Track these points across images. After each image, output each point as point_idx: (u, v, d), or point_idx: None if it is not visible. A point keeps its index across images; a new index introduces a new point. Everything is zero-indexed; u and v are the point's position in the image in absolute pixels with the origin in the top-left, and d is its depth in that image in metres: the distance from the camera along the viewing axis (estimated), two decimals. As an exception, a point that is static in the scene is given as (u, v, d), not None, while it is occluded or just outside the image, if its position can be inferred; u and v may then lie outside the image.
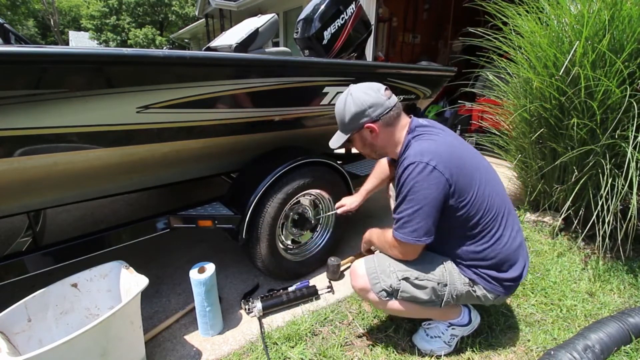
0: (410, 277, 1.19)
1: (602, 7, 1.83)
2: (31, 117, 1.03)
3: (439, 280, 1.19)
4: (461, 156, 1.16)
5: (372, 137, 1.26)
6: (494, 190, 1.19)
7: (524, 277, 1.24)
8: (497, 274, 1.19)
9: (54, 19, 21.11)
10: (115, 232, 1.39)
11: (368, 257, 1.30)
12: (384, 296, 1.21)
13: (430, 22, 7.47)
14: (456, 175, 1.10)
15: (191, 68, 1.28)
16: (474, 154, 1.24)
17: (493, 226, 1.17)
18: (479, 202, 1.14)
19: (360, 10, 2.24)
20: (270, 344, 1.38)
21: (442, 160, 1.09)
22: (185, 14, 28.55)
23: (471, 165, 1.17)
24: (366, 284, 1.23)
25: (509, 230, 1.20)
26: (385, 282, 1.20)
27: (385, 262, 1.25)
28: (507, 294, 1.24)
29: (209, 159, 1.69)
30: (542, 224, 2.37)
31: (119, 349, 1.10)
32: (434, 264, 1.22)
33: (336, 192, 1.89)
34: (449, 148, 1.15)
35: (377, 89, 1.22)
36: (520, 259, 1.22)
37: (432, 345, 1.34)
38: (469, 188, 1.13)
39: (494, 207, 1.17)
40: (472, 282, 1.21)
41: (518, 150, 2.55)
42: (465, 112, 4.58)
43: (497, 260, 1.18)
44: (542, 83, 2.07)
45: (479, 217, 1.15)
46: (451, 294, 1.20)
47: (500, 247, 1.18)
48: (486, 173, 1.21)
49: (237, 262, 1.98)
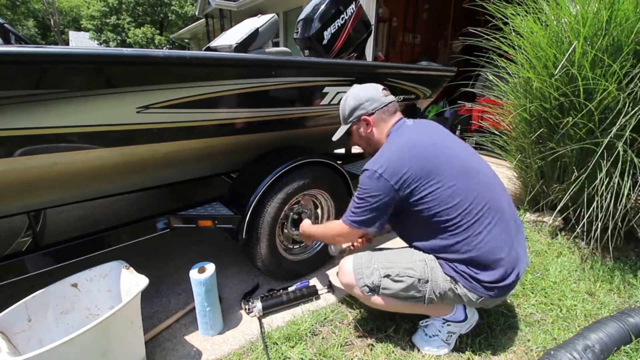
0: (392, 274, 1.25)
1: (600, 7, 1.83)
2: (31, 117, 1.03)
3: (420, 277, 1.22)
4: (423, 157, 1.19)
5: (368, 131, 1.38)
6: (475, 188, 1.19)
7: (509, 282, 1.19)
8: (474, 274, 1.18)
9: (54, 19, 21.08)
10: (115, 232, 1.39)
11: (357, 254, 1.36)
12: (366, 291, 1.28)
13: (430, 22, 7.47)
14: (406, 179, 1.18)
15: (191, 68, 1.28)
16: (453, 153, 1.24)
17: (468, 221, 1.16)
18: (445, 198, 1.16)
19: (360, 10, 2.24)
20: (270, 343, 1.38)
21: (390, 167, 1.19)
22: (185, 14, 28.55)
23: (440, 163, 1.19)
24: (351, 280, 1.30)
25: (490, 228, 1.17)
26: (369, 278, 1.27)
27: (371, 260, 1.31)
28: (492, 297, 1.21)
29: (209, 159, 1.69)
30: (541, 224, 2.37)
31: (119, 349, 1.10)
32: (416, 260, 1.26)
33: (336, 192, 1.89)
34: (405, 151, 1.21)
35: (376, 87, 1.40)
36: (501, 263, 1.17)
37: (431, 344, 1.34)
38: (428, 186, 1.17)
39: (467, 202, 1.16)
40: (453, 280, 1.22)
41: (518, 150, 2.55)
42: (465, 112, 4.58)
43: (470, 255, 1.17)
44: (542, 83, 2.08)
45: (446, 211, 1.17)
46: (433, 290, 1.22)
47: (475, 243, 1.16)
48: (467, 169, 1.21)
49: (237, 262, 1.98)
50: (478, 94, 3.42)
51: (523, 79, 2.34)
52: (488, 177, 1.27)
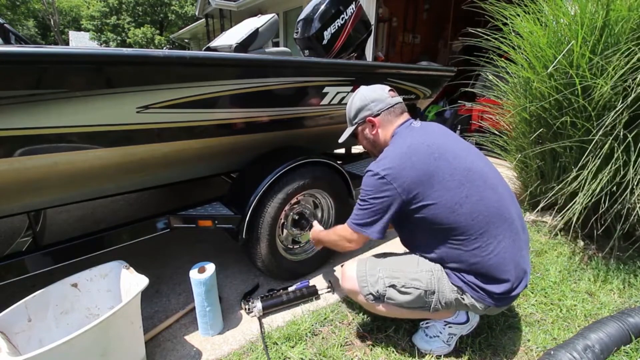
0: (397, 285, 1.21)
1: (597, 8, 1.83)
2: (31, 117, 1.03)
3: (426, 289, 1.19)
4: (428, 160, 1.15)
5: (373, 132, 1.35)
6: (484, 196, 1.15)
7: (517, 292, 1.18)
8: (482, 285, 1.16)
9: (54, 19, 21.08)
10: (115, 232, 1.39)
11: (361, 259, 1.33)
12: (371, 299, 1.25)
13: (430, 22, 7.47)
14: (409, 185, 1.14)
15: (191, 68, 1.28)
16: (460, 156, 1.19)
17: (476, 231, 1.13)
18: (451, 205, 1.12)
19: (360, 10, 2.24)
20: (270, 343, 1.38)
21: (394, 170, 1.15)
22: (185, 14, 28.55)
23: (445, 168, 1.14)
24: (355, 286, 1.27)
25: (501, 239, 1.14)
26: (373, 287, 1.23)
27: (375, 267, 1.27)
28: (498, 306, 1.20)
29: (209, 159, 1.69)
30: (541, 224, 2.37)
31: (119, 349, 1.10)
32: (423, 271, 1.22)
33: (336, 192, 1.89)
34: (410, 153, 1.17)
35: (382, 88, 1.37)
36: (510, 275, 1.15)
37: (432, 345, 1.34)
38: (428, 195, 1.13)
39: (475, 211, 1.13)
40: (460, 290, 1.20)
41: (518, 150, 2.55)
42: (465, 112, 4.58)
43: (479, 266, 1.14)
44: (542, 83, 2.08)
45: (453, 219, 1.12)
46: (439, 301, 1.20)
47: (485, 254, 1.13)
48: (475, 176, 1.17)
49: (237, 262, 1.98)
50: (478, 94, 3.42)
51: (523, 79, 2.34)
52: (496, 184, 1.21)
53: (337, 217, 1.94)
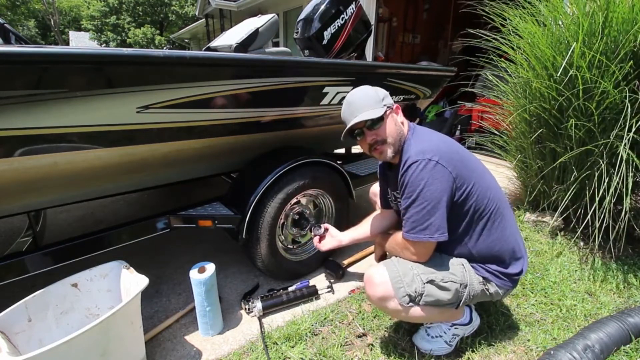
0: (436, 280, 1.16)
1: (595, 9, 1.83)
2: (31, 117, 1.03)
3: (461, 282, 1.20)
4: (458, 151, 1.22)
5: (401, 121, 1.27)
6: (490, 184, 1.25)
7: (525, 270, 1.28)
8: (504, 270, 1.24)
9: (54, 19, 21.09)
10: (115, 232, 1.39)
11: (388, 262, 1.23)
12: (406, 302, 1.15)
13: (430, 22, 7.47)
14: (458, 169, 1.13)
15: (191, 68, 1.28)
16: (466, 150, 1.29)
17: (496, 218, 1.21)
18: (481, 194, 1.18)
19: (360, 10, 2.24)
20: (270, 343, 1.38)
21: (443, 156, 1.12)
22: (185, 14, 28.55)
23: (468, 159, 1.22)
24: (388, 291, 1.15)
25: (510, 222, 1.26)
26: (410, 286, 1.15)
27: (407, 266, 1.19)
28: (513, 287, 1.30)
29: (209, 159, 1.69)
30: (541, 224, 2.37)
31: (119, 349, 1.10)
32: (454, 265, 1.22)
33: (336, 192, 1.89)
34: (446, 144, 1.21)
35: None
36: (524, 251, 1.29)
37: (433, 345, 1.34)
38: (470, 180, 1.17)
39: (494, 200, 1.22)
40: (485, 281, 1.24)
41: (518, 150, 2.55)
42: (465, 112, 4.58)
43: (502, 252, 1.23)
44: (542, 84, 2.08)
45: (482, 208, 1.19)
46: (469, 294, 1.21)
47: (505, 237, 1.22)
48: (481, 168, 1.27)
49: (237, 262, 1.98)
50: (478, 94, 3.42)
51: (523, 79, 2.34)
52: (489, 173, 1.31)
53: (337, 218, 1.94)
